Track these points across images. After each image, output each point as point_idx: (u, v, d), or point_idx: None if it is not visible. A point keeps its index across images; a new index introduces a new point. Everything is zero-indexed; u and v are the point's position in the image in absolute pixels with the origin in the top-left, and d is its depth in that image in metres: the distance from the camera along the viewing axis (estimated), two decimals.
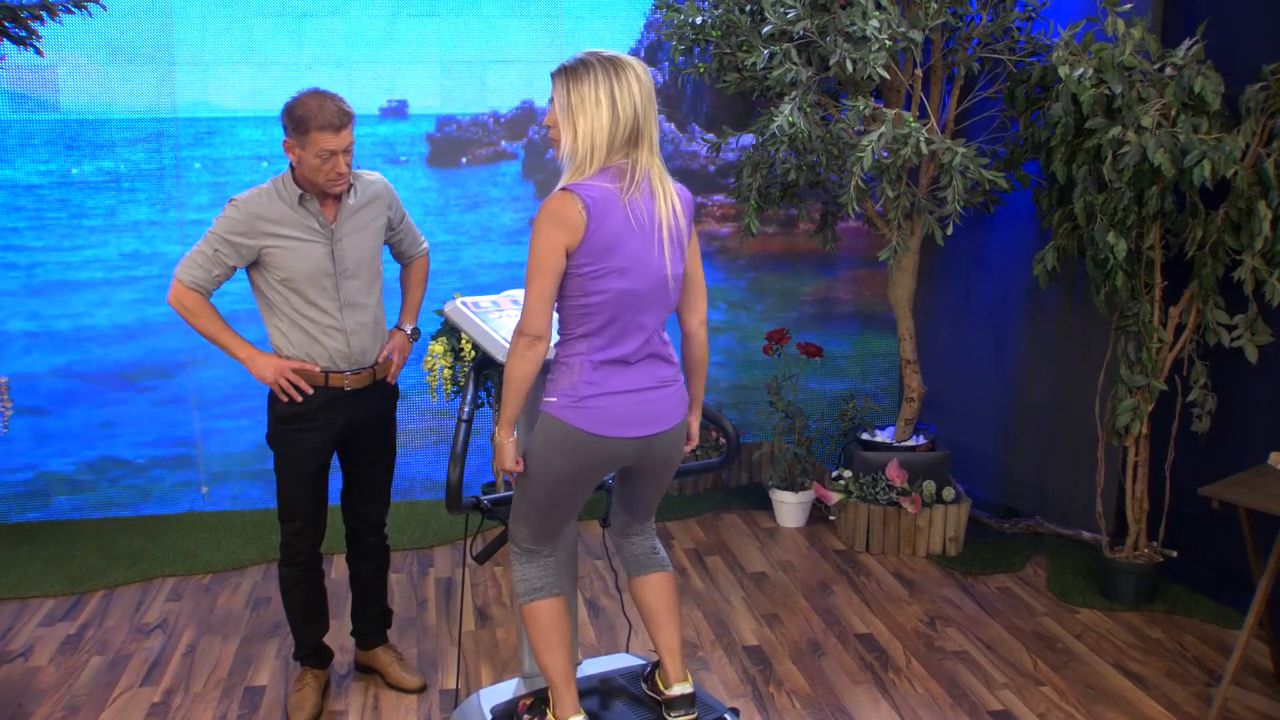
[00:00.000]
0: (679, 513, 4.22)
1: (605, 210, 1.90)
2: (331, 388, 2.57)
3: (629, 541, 2.29)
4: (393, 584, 3.58)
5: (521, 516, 2.14)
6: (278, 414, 2.58)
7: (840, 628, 3.22)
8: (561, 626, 2.13)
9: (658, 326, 2.03)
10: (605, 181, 1.92)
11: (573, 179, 1.92)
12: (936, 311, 4.38)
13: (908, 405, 3.88)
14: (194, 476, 4.23)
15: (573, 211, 1.88)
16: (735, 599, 3.43)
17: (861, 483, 3.83)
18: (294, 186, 2.49)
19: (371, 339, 2.61)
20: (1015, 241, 3.99)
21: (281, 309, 2.52)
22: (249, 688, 2.94)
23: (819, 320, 4.53)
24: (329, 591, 3.20)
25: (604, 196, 1.90)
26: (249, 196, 2.49)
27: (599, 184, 1.91)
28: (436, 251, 4.12)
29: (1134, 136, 2.87)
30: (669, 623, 2.22)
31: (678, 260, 2.00)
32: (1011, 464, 4.12)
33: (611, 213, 1.90)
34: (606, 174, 1.92)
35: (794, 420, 4.06)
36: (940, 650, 3.08)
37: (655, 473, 2.13)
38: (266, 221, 2.47)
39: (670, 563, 2.32)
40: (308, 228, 2.49)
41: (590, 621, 3.27)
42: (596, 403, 1.95)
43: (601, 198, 1.90)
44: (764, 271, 4.44)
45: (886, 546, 3.81)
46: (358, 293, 2.55)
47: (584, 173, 1.91)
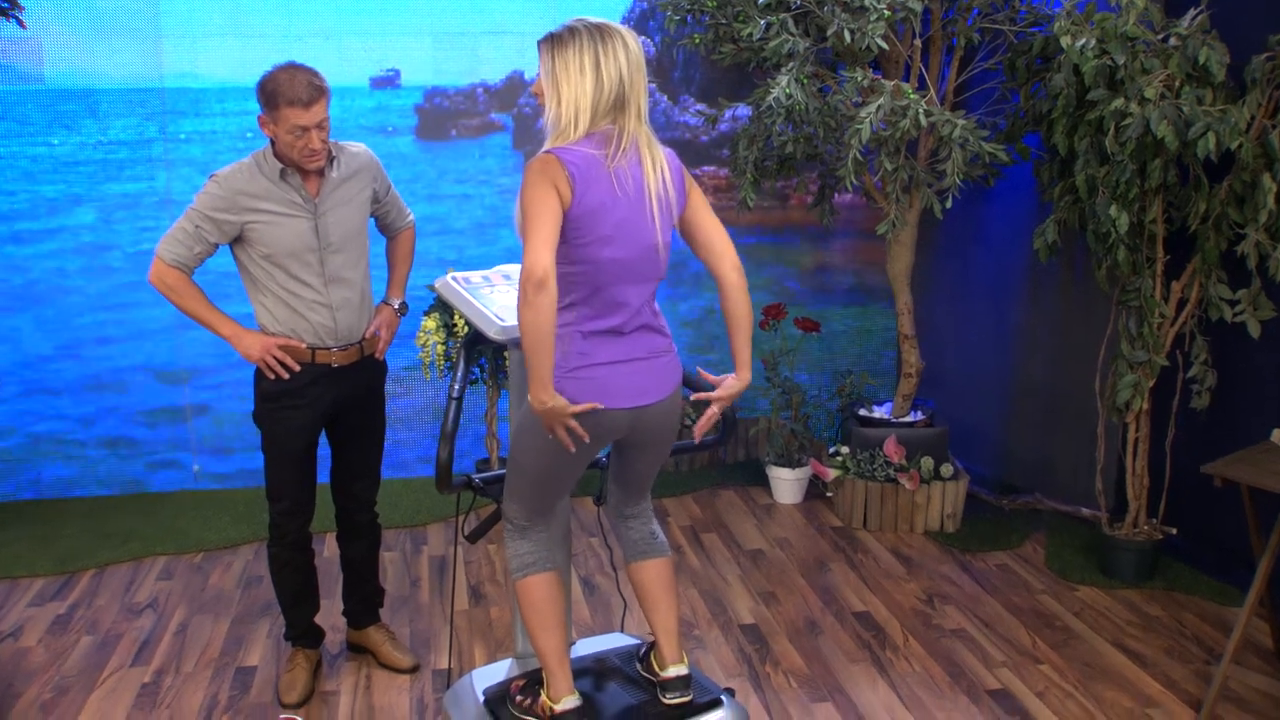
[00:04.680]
0: (675, 489, 4.20)
1: (589, 176, 1.87)
2: (318, 364, 2.54)
3: (626, 525, 2.27)
4: (385, 562, 3.56)
5: (514, 492, 2.12)
6: (264, 392, 2.56)
7: (837, 606, 3.21)
8: (555, 603, 2.11)
9: (648, 297, 2.00)
10: (590, 147, 1.89)
11: (555, 144, 1.89)
12: (935, 286, 4.35)
13: (906, 381, 3.86)
14: (186, 454, 4.19)
15: (558, 172, 1.85)
16: (731, 577, 3.42)
17: (859, 459, 3.81)
18: (275, 161, 2.45)
19: (358, 314, 2.58)
20: (1015, 215, 3.96)
21: (266, 285, 2.49)
22: (240, 668, 2.92)
23: (816, 295, 4.52)
24: (320, 570, 3.19)
25: (587, 161, 1.87)
26: (230, 172, 2.45)
27: (582, 149, 1.88)
28: (424, 225, 4.07)
29: (1137, 108, 2.83)
30: (666, 605, 2.20)
31: (667, 228, 1.97)
32: (1010, 440, 4.10)
33: (596, 179, 1.87)
34: (591, 140, 1.89)
35: (791, 396, 4.05)
36: (938, 628, 3.07)
37: (649, 446, 2.10)
38: (248, 197, 2.43)
39: (669, 547, 2.27)
40: (290, 202, 2.45)
41: (585, 600, 3.25)
42: (587, 373, 1.93)
43: (585, 163, 1.87)
44: (760, 245, 4.42)
45: (884, 523, 3.79)
46: (343, 267, 2.52)
47: (567, 138, 1.89)
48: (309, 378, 2.54)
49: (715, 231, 2.02)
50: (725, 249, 2.01)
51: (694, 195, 2.01)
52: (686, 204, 2.00)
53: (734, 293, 2.01)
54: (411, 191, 4.11)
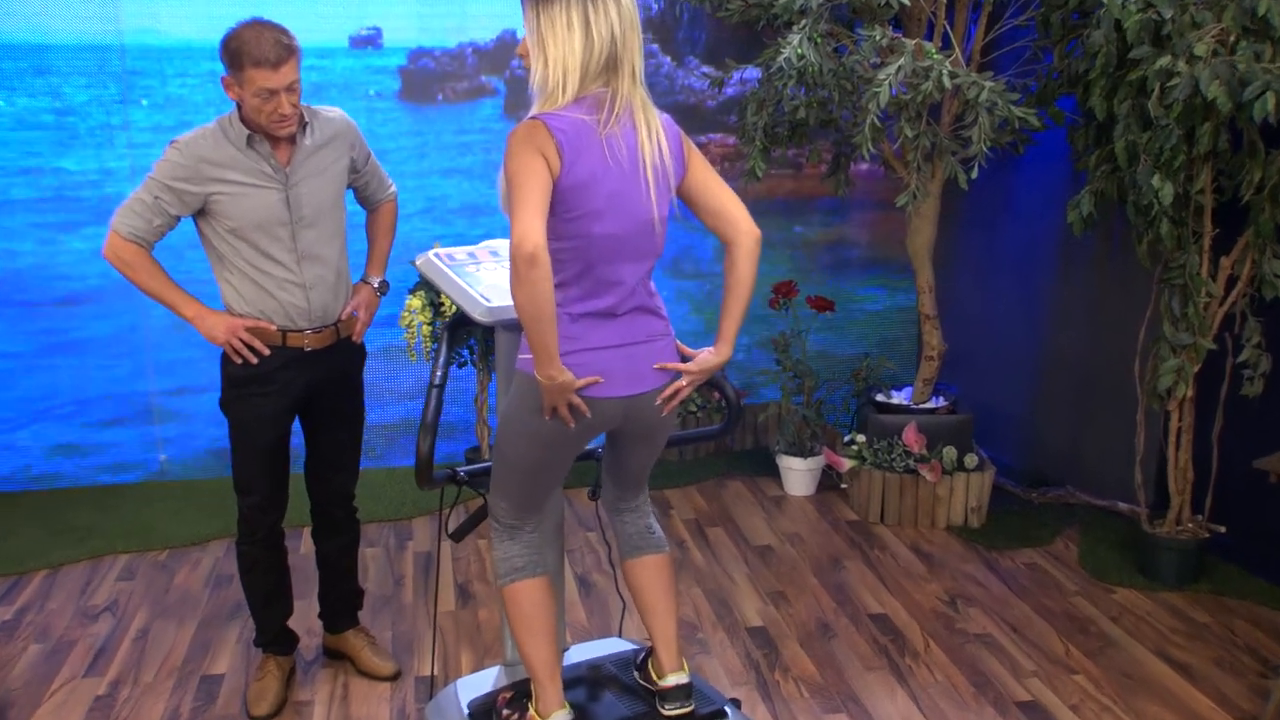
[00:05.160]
0: (678, 480, 4.17)
1: (579, 144, 1.83)
2: (290, 348, 2.50)
3: (621, 520, 2.25)
4: (366, 559, 3.52)
5: (501, 488, 2.09)
6: (231, 377, 2.51)
7: (852, 607, 3.17)
8: (545, 611, 2.09)
9: (643, 276, 1.96)
10: (580, 112, 1.85)
11: (542, 109, 1.85)
12: (959, 262, 4.31)
13: (927, 364, 3.82)
14: (151, 441, 4.15)
15: (545, 140, 1.81)
16: (738, 575, 3.39)
17: (876, 448, 3.78)
18: (241, 127, 2.38)
19: (334, 294, 2.53)
20: (1047, 186, 3.92)
21: (232, 262, 2.44)
22: (205, 676, 2.86)
23: (830, 271, 4.50)
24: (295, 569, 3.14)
25: (577, 128, 1.83)
26: (192, 138, 2.39)
27: (572, 114, 1.84)
28: (409, 198, 4.03)
29: (1185, 67, 2.72)
30: (664, 608, 2.18)
31: (665, 201, 1.93)
32: (1041, 428, 4.07)
33: (587, 147, 1.83)
34: (582, 104, 1.85)
35: (803, 380, 4.02)
36: (962, 633, 3.03)
37: (644, 437, 2.07)
38: (212, 165, 2.37)
39: (667, 543, 2.25)
40: (259, 172, 2.40)
41: (580, 600, 3.22)
42: (577, 359, 1.90)
43: (574, 130, 1.83)
44: (770, 219, 4.39)
45: (903, 518, 3.76)
46: (317, 243, 2.48)
47: (555, 103, 1.85)
48: (279, 362, 2.49)
49: (726, 196, 1.98)
50: (740, 215, 1.97)
51: (695, 161, 1.97)
52: (686, 172, 1.97)
53: (744, 260, 1.96)
54: (395, 162, 4.05)
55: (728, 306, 1.99)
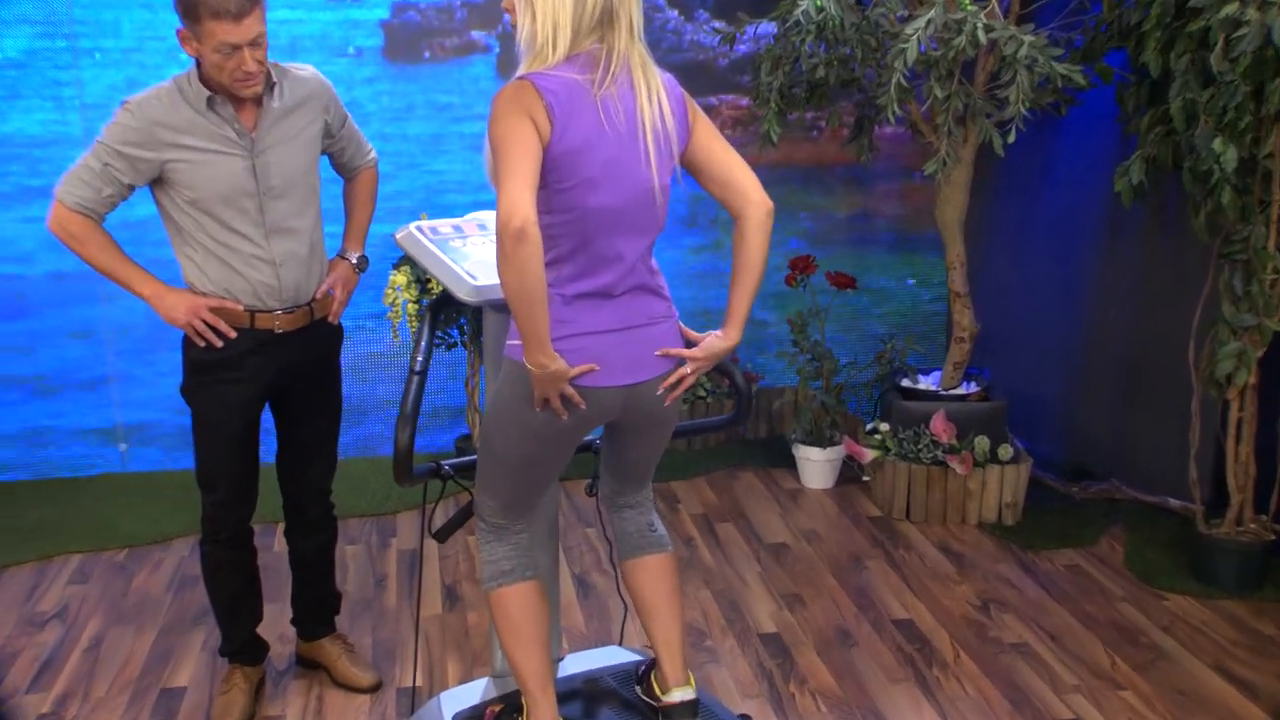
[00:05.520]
0: (685, 471, 4.15)
1: (572, 107, 1.80)
2: (259, 330, 2.46)
3: (620, 517, 2.23)
4: (346, 557, 3.49)
5: (488, 485, 2.07)
6: (194, 362, 2.47)
7: (875, 612, 3.15)
8: (536, 618, 2.08)
9: (643, 251, 1.94)
10: (572, 72, 1.83)
11: (531, 68, 1.83)
12: (993, 235, 4.30)
13: (957, 346, 3.78)
14: (110, 430, 4.12)
15: (534, 102, 1.79)
16: (750, 575, 3.37)
17: (901, 438, 3.75)
18: (200, 86, 2.31)
19: (306, 271, 2.49)
20: (1092, 151, 3.87)
21: (194, 236, 2.39)
22: (165, 690, 2.81)
23: (852, 245, 4.49)
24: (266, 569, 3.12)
25: (569, 89, 1.81)
26: (146, 98, 2.32)
27: (563, 74, 1.82)
28: (392, 164, 3.99)
29: (1255, 14, 2.64)
30: (668, 614, 2.17)
31: (666, 169, 1.92)
32: (1083, 416, 4.04)
33: (580, 110, 1.81)
34: (574, 63, 1.84)
35: (822, 363, 4.00)
36: (995, 642, 2.99)
37: (646, 429, 2.06)
38: (168, 130, 2.30)
39: (670, 542, 2.23)
40: (221, 137, 2.34)
41: (579, 602, 3.20)
42: (571, 344, 1.88)
43: (566, 91, 1.81)
44: (786, 188, 4.37)
45: (931, 514, 3.74)
46: (287, 216, 2.43)
47: (545, 61, 1.83)
48: (247, 345, 2.45)
49: (734, 164, 1.96)
50: (750, 184, 1.95)
51: (700, 126, 1.96)
52: (690, 137, 1.95)
53: (754, 234, 1.95)
54: (377, 126, 4.02)
55: (737, 285, 1.97)
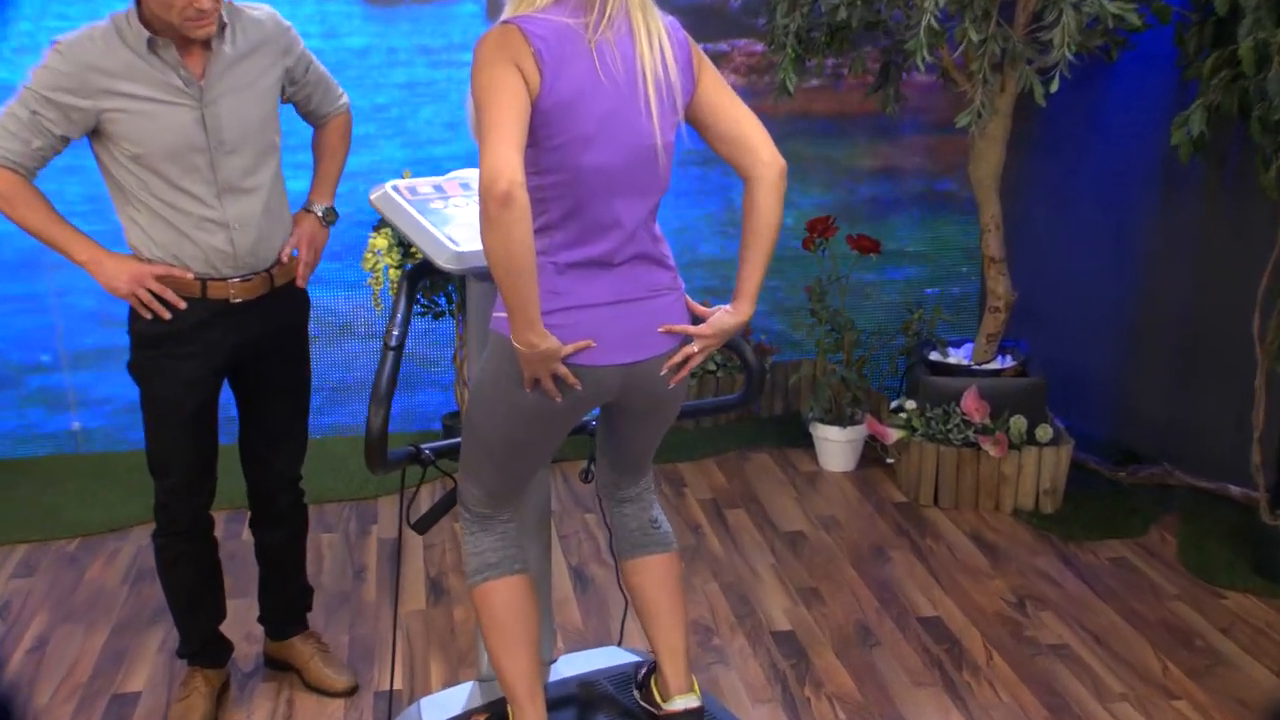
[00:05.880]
0: (693, 451, 4.13)
1: (563, 54, 1.77)
2: (212, 300, 2.40)
3: (620, 510, 2.23)
4: (322, 546, 3.46)
5: (472, 472, 2.07)
6: (140, 335, 2.42)
7: (899, 608, 3.11)
8: (523, 616, 2.07)
9: (644, 216, 1.91)
10: (564, 15, 1.80)
11: (518, 10, 1.81)
12: (1033, 194, 4.23)
13: (992, 316, 3.73)
14: (61, 405, 4.09)
15: (520, 48, 1.75)
16: (763, 567, 3.34)
17: (929, 416, 3.71)
18: (140, 27, 2.24)
19: (264, 234, 2.44)
20: (1146, 99, 3.80)
21: (137, 196, 2.33)
22: (117, 695, 2.76)
23: (876, 205, 4.46)
24: (233, 560, 3.12)
25: (560, 34, 1.78)
26: (78, 38, 2.26)
27: (553, 17, 1.80)
28: (369, 118, 3.93)
29: None
30: (671, 618, 2.17)
31: (670, 124, 1.89)
32: (1132, 393, 3.99)
33: (572, 58, 1.78)
34: (565, 4, 1.82)
35: (842, 334, 3.96)
36: (1032, 643, 2.94)
37: (647, 412, 2.05)
38: (104, 75, 2.23)
39: (674, 539, 2.22)
40: (165, 85, 2.27)
41: (575, 596, 3.17)
42: (564, 318, 1.86)
43: (556, 37, 1.78)
44: (804, 142, 4.35)
45: (961, 500, 3.70)
46: (242, 174, 2.38)
47: (533, 3, 1.81)
48: (200, 317, 2.40)
49: (743, 118, 1.93)
50: (760, 140, 1.92)
51: (705, 76, 1.93)
52: (696, 89, 1.92)
53: (765, 197, 1.92)
54: (355, 76, 3.95)
55: (747, 254, 1.95)
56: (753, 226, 1.91)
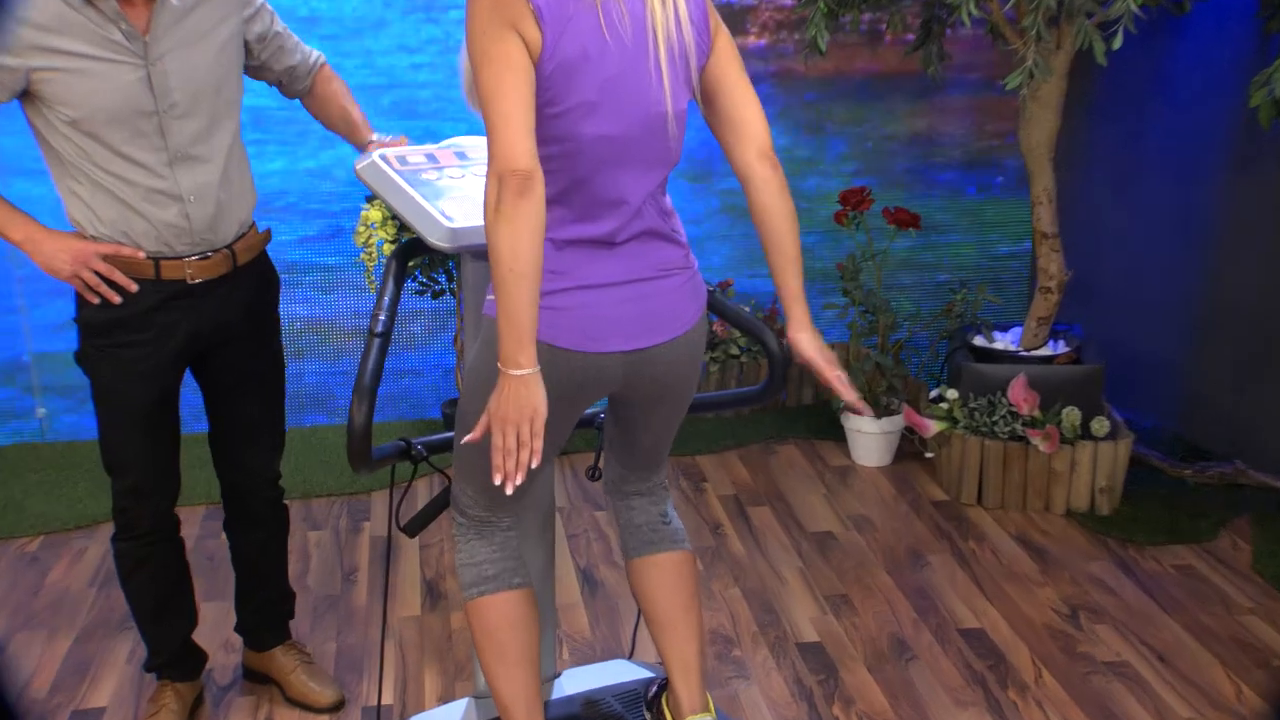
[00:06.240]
0: (714, 443, 4.10)
1: (565, 12, 1.74)
2: (166, 281, 2.36)
3: (628, 506, 2.21)
4: (309, 545, 3.43)
5: (466, 472, 2.04)
6: (89, 323, 2.38)
7: (938, 618, 3.07)
8: (522, 633, 2.06)
9: (653, 190, 1.89)
10: None
11: None
12: (1090, 163, 4.18)
13: (1043, 298, 3.69)
14: (25, 392, 4.10)
15: (519, 7, 1.71)
16: (789, 572, 3.30)
17: (973, 407, 3.67)
18: None
19: (224, 207, 2.39)
20: (1220, 58, 3.73)
21: (77, 165, 2.28)
22: (79, 711, 2.72)
23: (916, 176, 4.42)
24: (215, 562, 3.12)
25: None
26: None
27: None
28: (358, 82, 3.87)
29: None
30: (684, 628, 2.15)
31: (682, 90, 1.86)
32: (1199, 383, 3.93)
33: (576, 15, 1.75)
34: None
35: (877, 317, 3.94)
36: (1086, 659, 2.88)
37: (656, 404, 2.03)
38: (37, 30, 2.18)
39: (687, 537, 2.20)
40: (104, 40, 2.21)
41: (584, 602, 3.13)
42: (563, 300, 1.85)
43: None
44: (837, 106, 4.33)
45: (1008, 499, 3.66)
46: (196, 139, 2.32)
47: None
48: (154, 300, 2.35)
49: (747, 98, 1.92)
50: (753, 125, 1.92)
51: (720, 40, 1.91)
52: (710, 52, 1.90)
53: (765, 194, 1.92)
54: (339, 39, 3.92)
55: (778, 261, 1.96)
56: (768, 230, 1.92)
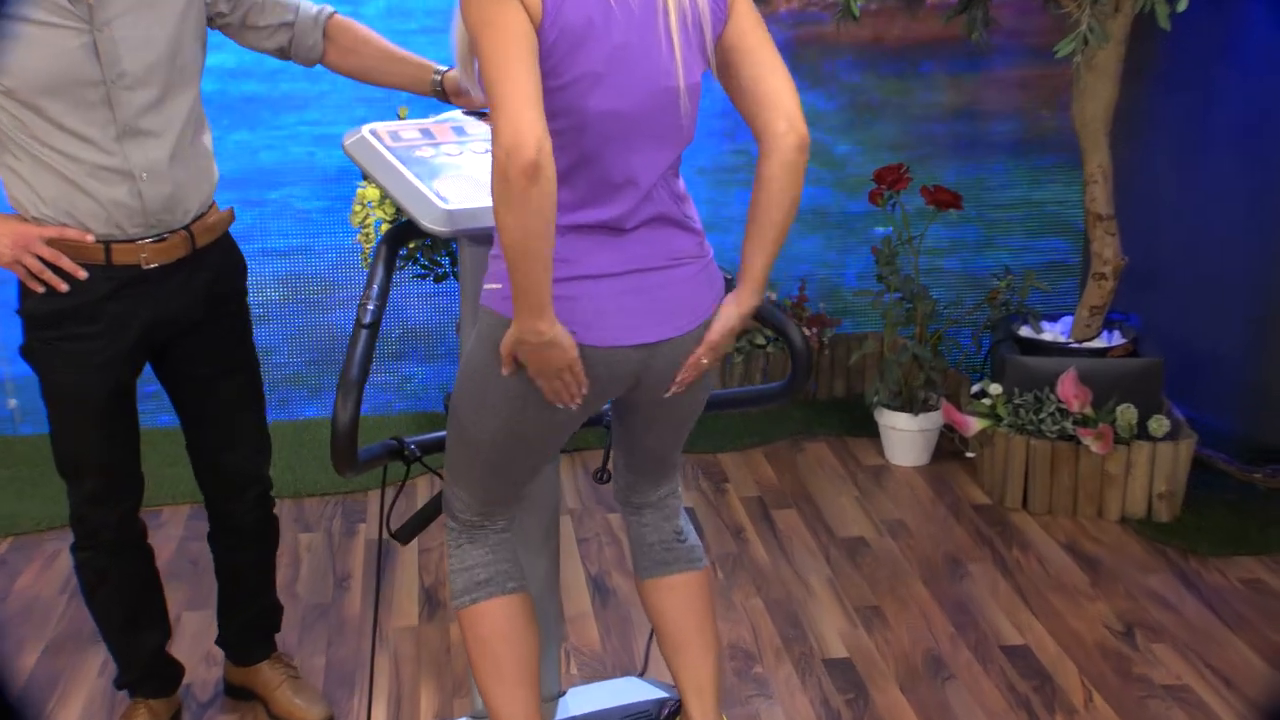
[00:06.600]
0: (737, 439, 4.08)
1: None
2: (119, 267, 2.33)
3: (639, 520, 2.20)
4: (300, 549, 3.42)
5: (459, 474, 2.04)
6: (33, 314, 2.36)
7: (978, 634, 3.04)
8: (518, 644, 2.06)
9: (664, 171, 1.88)
10: None
11: None
12: (1151, 138, 4.10)
13: (1097, 285, 3.65)
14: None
15: None
16: (817, 581, 3.28)
17: (1018, 403, 3.64)
18: None
19: (180, 185, 2.36)
20: None
21: (15, 139, 2.25)
22: None
23: (958, 152, 4.41)
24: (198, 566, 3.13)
25: None
26: None
27: None
28: None
29: None
30: (699, 650, 2.15)
31: (696, 62, 1.84)
32: (1269, 378, 3.86)
33: None
34: None
35: (915, 305, 3.92)
36: (1143, 681, 2.84)
37: (665, 406, 2.03)
38: None
39: (703, 554, 2.19)
40: (44, 1, 2.18)
41: (594, 612, 3.12)
42: (566, 290, 1.83)
43: None
44: (871, 77, 4.32)
45: (1056, 504, 3.63)
46: (148, 111, 2.28)
47: None
48: (104, 288, 2.33)
49: (771, 68, 1.88)
50: (784, 99, 1.86)
51: (739, 5, 1.89)
52: (728, 20, 1.87)
53: (781, 173, 1.86)
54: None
55: (754, 235, 1.91)
56: (761, 202, 1.86)
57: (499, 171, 1.67)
